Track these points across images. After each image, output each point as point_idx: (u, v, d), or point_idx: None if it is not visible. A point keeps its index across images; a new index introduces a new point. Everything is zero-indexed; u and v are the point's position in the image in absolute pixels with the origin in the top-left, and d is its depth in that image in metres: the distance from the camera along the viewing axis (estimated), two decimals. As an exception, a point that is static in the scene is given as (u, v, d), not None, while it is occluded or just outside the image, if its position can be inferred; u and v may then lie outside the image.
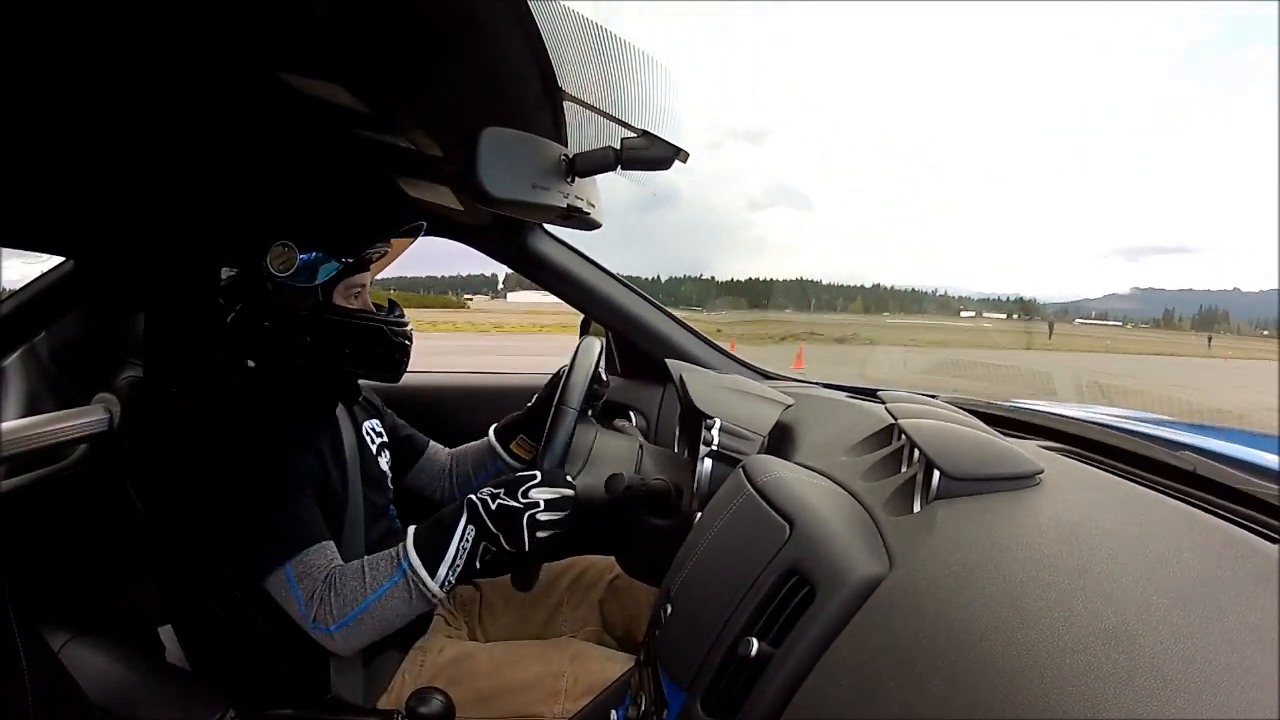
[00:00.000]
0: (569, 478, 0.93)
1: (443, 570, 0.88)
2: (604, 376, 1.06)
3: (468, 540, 0.89)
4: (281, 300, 0.96)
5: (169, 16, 0.59)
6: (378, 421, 1.14)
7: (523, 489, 0.89)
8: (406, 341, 1.03)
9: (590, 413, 1.08)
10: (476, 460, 1.23)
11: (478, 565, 0.90)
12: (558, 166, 0.81)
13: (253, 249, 0.97)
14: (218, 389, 1.02)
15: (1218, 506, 0.50)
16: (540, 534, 0.88)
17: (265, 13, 0.58)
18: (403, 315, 1.03)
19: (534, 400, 1.19)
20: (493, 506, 0.88)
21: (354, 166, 1.05)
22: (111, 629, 1.03)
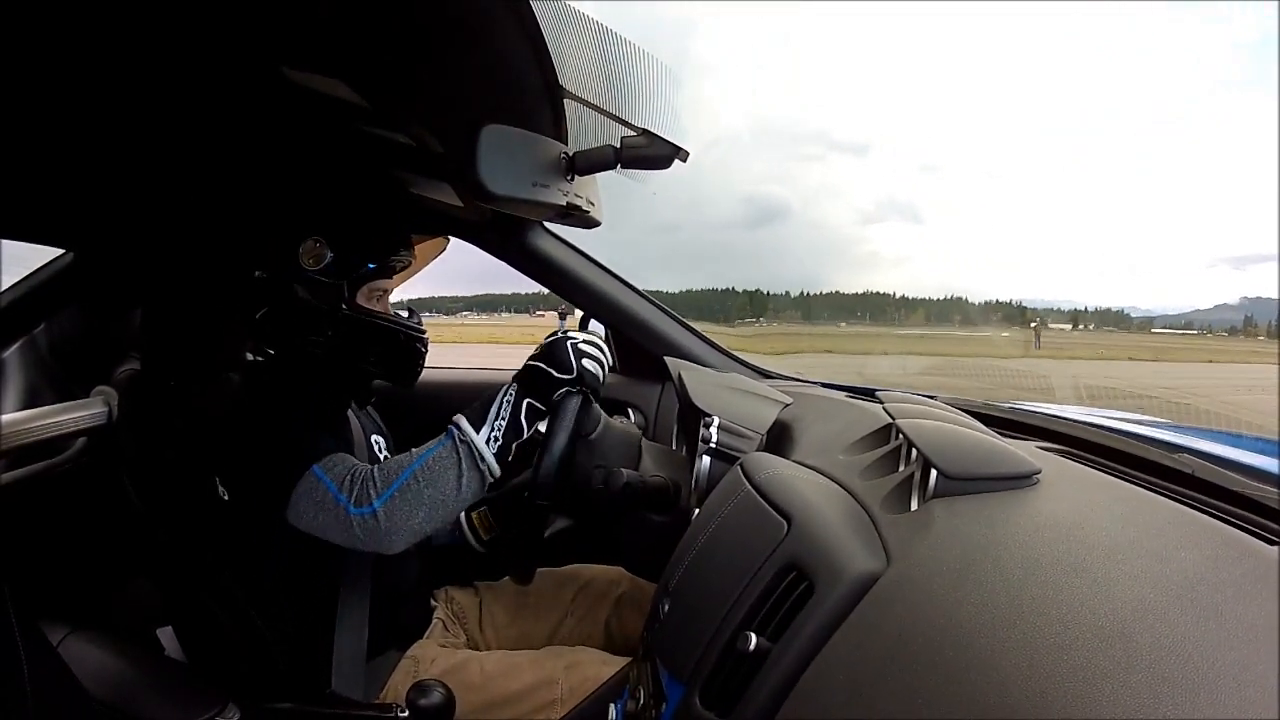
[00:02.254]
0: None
1: (486, 428, 0.89)
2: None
3: (510, 395, 0.91)
4: (308, 294, 0.96)
5: (171, 9, 0.59)
6: (383, 440, 1.15)
7: (560, 330, 0.96)
8: (423, 349, 1.04)
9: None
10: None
11: (523, 424, 0.90)
12: (557, 164, 0.81)
13: (267, 245, 0.97)
14: (217, 383, 1.02)
15: (1215, 508, 0.50)
16: (586, 363, 0.92)
17: (267, 7, 0.58)
18: (420, 323, 1.05)
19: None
20: (538, 352, 0.93)
21: (367, 169, 1.06)
22: (110, 626, 1.03)
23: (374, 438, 1.10)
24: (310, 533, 0.89)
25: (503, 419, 0.90)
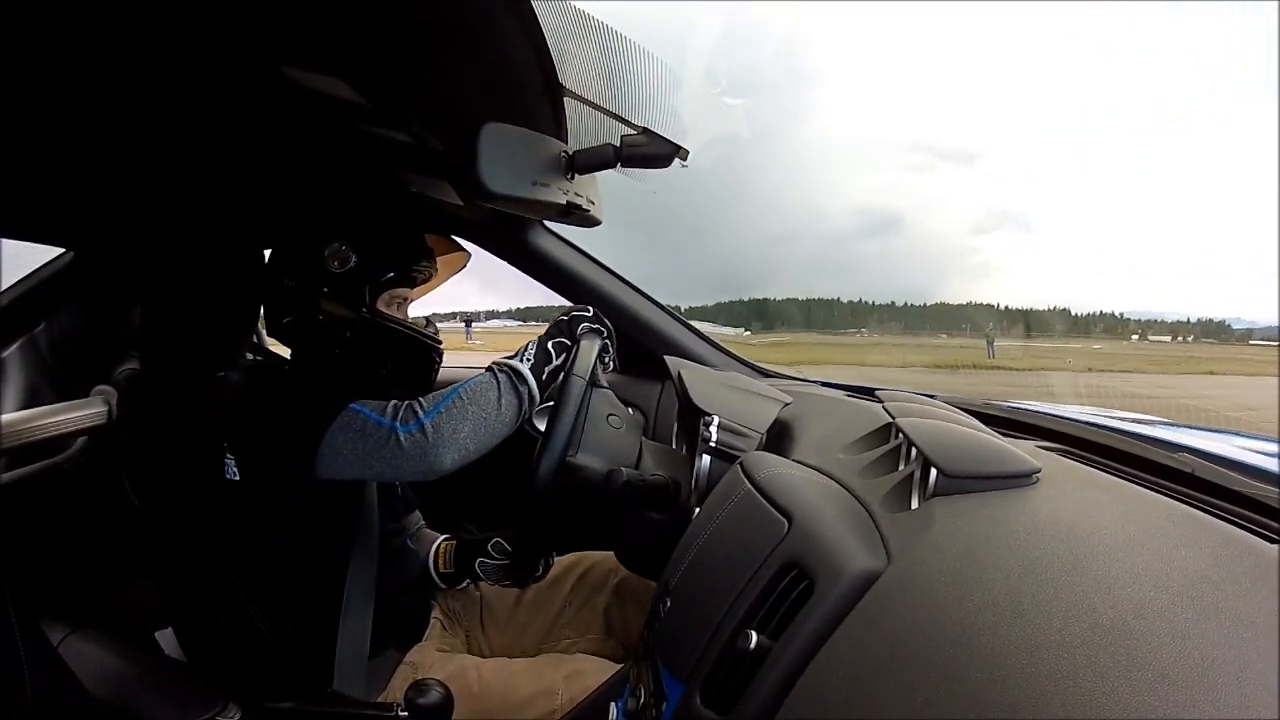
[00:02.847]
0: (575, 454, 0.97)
1: (518, 358, 0.97)
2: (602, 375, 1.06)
3: (535, 340, 0.99)
4: (332, 297, 0.98)
5: (170, 7, 0.59)
6: None
7: None
8: (437, 357, 1.06)
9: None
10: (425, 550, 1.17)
11: (551, 351, 0.98)
12: (557, 163, 0.81)
13: (292, 251, 0.99)
14: (217, 383, 1.02)
15: (1216, 507, 0.50)
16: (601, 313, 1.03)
17: (268, 6, 0.58)
18: (437, 333, 1.07)
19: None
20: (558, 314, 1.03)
21: (371, 171, 1.06)
22: (110, 626, 1.03)
23: None
24: (345, 475, 0.90)
25: (531, 350, 0.97)
